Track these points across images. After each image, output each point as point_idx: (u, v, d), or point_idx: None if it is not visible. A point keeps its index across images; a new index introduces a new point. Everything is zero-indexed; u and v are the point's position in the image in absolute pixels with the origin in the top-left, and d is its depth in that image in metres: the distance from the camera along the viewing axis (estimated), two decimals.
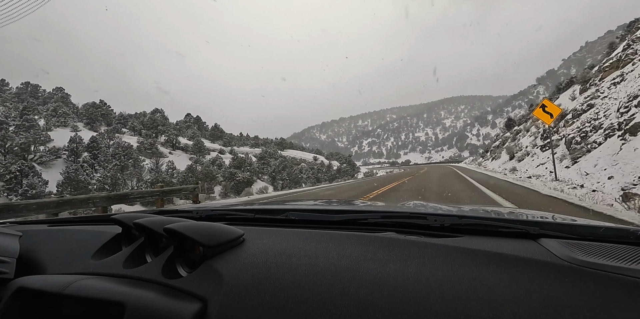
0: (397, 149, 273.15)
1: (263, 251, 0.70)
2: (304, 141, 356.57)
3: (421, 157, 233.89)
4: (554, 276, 0.56)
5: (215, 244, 0.68)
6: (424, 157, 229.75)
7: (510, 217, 1.03)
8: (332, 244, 0.73)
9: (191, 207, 1.25)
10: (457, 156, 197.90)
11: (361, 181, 22.12)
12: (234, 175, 36.35)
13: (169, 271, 0.68)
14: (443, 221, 0.89)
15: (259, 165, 44.32)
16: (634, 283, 0.52)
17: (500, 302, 0.50)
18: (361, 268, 0.61)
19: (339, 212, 1.07)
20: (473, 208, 1.35)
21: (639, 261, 0.59)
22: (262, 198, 11.58)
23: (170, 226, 0.67)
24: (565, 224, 0.93)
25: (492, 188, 8.67)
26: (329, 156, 71.65)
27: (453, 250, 0.67)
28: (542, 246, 0.71)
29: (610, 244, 0.72)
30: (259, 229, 0.90)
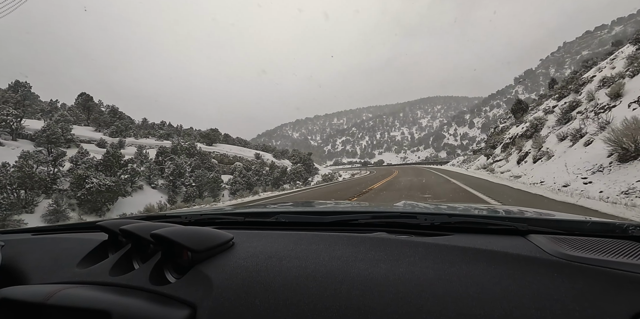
0: (371, 149, 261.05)
1: (253, 254, 0.69)
2: (274, 138, 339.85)
3: (396, 157, 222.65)
4: (543, 271, 0.56)
5: (203, 248, 0.66)
6: (399, 158, 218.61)
7: (499, 215, 1.02)
8: (323, 245, 0.72)
9: (180, 212, 1.22)
10: (433, 156, 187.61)
11: (296, 193, 14.89)
12: (83, 180, 20.78)
13: (157, 278, 0.66)
14: (433, 219, 0.89)
15: (150, 165, 28.89)
16: (621, 276, 0.53)
17: (491, 299, 0.49)
18: (352, 268, 0.60)
19: (329, 213, 1.05)
20: (462, 206, 1.36)
21: (624, 254, 0.61)
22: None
23: (157, 232, 0.65)
24: (552, 219, 0.92)
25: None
26: (278, 154, 56.50)
27: (443, 248, 0.67)
28: (531, 242, 0.71)
29: (596, 238, 0.73)
30: (248, 233, 0.88)
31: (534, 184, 9.12)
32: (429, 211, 1.07)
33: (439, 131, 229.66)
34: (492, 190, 8.68)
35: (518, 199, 6.67)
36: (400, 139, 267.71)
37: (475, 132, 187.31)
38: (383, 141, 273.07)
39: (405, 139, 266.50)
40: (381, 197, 9.38)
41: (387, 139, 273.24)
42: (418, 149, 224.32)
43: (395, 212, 1.00)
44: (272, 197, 13.49)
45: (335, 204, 1.58)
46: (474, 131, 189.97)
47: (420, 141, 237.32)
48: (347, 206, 1.39)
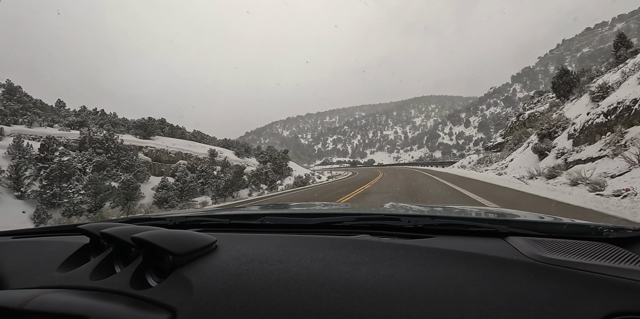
0: (363, 148, 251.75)
1: (235, 257, 0.69)
2: (263, 136, 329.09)
3: (389, 157, 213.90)
4: (520, 273, 0.57)
5: (185, 252, 0.66)
6: (392, 157, 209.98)
7: (481, 217, 1.03)
8: (306, 248, 0.72)
9: (165, 214, 1.22)
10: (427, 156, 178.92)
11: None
12: None
13: (137, 282, 0.66)
14: (416, 221, 0.89)
15: (22, 162, 18.83)
16: (593, 278, 0.54)
17: (468, 301, 0.50)
18: (333, 271, 0.60)
19: (314, 215, 1.05)
20: (447, 208, 1.37)
21: (597, 257, 0.62)
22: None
23: (138, 235, 0.65)
24: (531, 221, 0.94)
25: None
26: (242, 151, 46.22)
27: (424, 251, 0.67)
28: (509, 244, 0.72)
29: (573, 241, 0.75)
30: (233, 235, 0.88)
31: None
32: (413, 213, 1.07)
33: (433, 130, 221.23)
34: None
35: None
36: (393, 138, 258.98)
37: (472, 131, 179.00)
38: (375, 140, 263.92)
39: (398, 139, 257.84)
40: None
41: (380, 138, 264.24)
42: (411, 149, 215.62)
43: (379, 214, 1.00)
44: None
45: (322, 206, 1.57)
46: (470, 130, 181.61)
47: (414, 140, 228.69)
48: (332, 208, 1.39)
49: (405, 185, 13.32)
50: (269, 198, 14.59)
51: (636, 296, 0.49)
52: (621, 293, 0.50)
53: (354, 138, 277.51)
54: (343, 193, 12.09)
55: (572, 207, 5.28)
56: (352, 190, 13.18)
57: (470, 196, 7.74)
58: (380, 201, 8.91)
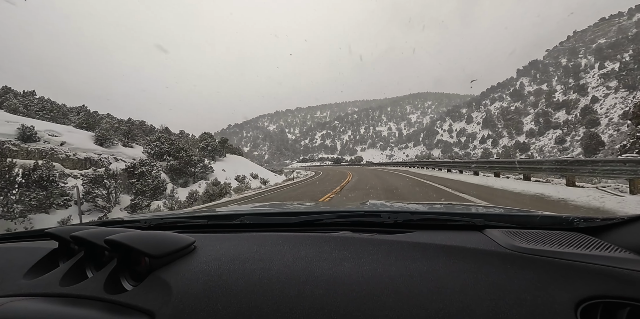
0: (353, 144, 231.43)
1: (215, 258, 0.67)
2: (246, 129, 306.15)
3: (381, 154, 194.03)
4: (498, 263, 0.59)
5: (162, 253, 0.64)
6: (385, 155, 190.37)
7: (458, 211, 1.05)
8: (288, 246, 0.71)
9: (139, 217, 1.18)
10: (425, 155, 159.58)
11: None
12: None
13: (112, 286, 0.64)
14: (396, 217, 0.90)
15: None
16: (567, 265, 0.56)
17: (450, 293, 0.51)
18: (316, 268, 0.60)
19: (295, 214, 1.04)
20: (425, 204, 1.39)
21: (570, 245, 0.65)
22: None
23: (111, 237, 0.63)
24: (506, 214, 0.96)
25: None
26: (112, 136, 24.55)
27: (405, 245, 0.68)
28: (486, 236, 0.74)
29: (546, 231, 0.78)
30: (212, 236, 0.87)
31: None
32: (393, 209, 1.07)
33: (431, 126, 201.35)
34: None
35: None
36: (387, 135, 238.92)
37: (475, 128, 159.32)
38: (367, 136, 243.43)
39: (392, 135, 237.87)
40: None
41: (372, 134, 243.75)
42: (406, 146, 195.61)
43: (359, 211, 1.01)
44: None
45: (302, 205, 1.56)
46: (473, 127, 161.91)
47: (410, 137, 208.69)
48: (312, 207, 1.38)
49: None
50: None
51: (606, 281, 0.52)
52: (592, 279, 0.53)
53: (344, 134, 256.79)
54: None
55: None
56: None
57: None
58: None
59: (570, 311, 0.47)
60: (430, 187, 10.38)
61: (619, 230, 0.70)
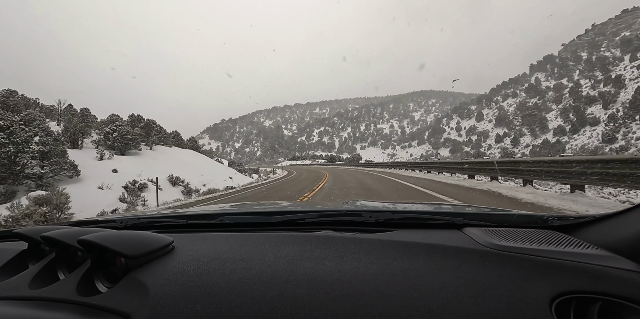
0: (353, 142, 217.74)
1: (195, 258, 0.66)
2: (239, 124, 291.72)
3: (382, 153, 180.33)
4: (477, 261, 0.60)
5: (139, 254, 0.62)
6: (386, 154, 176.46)
7: (438, 210, 1.06)
8: (269, 245, 0.71)
9: (115, 217, 1.15)
10: (430, 154, 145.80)
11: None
12: None
13: (85, 288, 0.61)
14: (377, 217, 0.91)
15: None
16: (542, 262, 0.58)
17: (431, 290, 0.52)
18: (298, 268, 0.60)
19: (276, 213, 1.04)
20: (406, 203, 1.41)
21: (545, 242, 0.67)
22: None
23: (85, 237, 0.60)
24: (484, 213, 0.97)
25: None
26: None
27: (387, 244, 0.68)
28: (465, 234, 0.76)
29: (522, 229, 0.80)
30: (191, 236, 0.85)
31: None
32: (374, 208, 1.08)
33: (436, 124, 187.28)
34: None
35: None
36: (389, 133, 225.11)
37: (487, 125, 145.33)
38: (368, 133, 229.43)
39: (394, 133, 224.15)
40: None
41: (373, 132, 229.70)
42: (410, 145, 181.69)
43: (341, 210, 1.01)
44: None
45: (283, 205, 1.55)
46: (485, 125, 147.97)
47: (413, 135, 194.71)
48: (294, 206, 1.37)
49: None
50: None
51: (579, 277, 0.53)
52: (566, 275, 0.54)
53: (344, 131, 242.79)
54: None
55: None
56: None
57: None
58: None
59: (546, 307, 0.48)
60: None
61: (590, 228, 0.72)
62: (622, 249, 0.59)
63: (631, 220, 0.61)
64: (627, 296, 0.49)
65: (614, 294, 0.49)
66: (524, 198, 6.35)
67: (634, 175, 4.61)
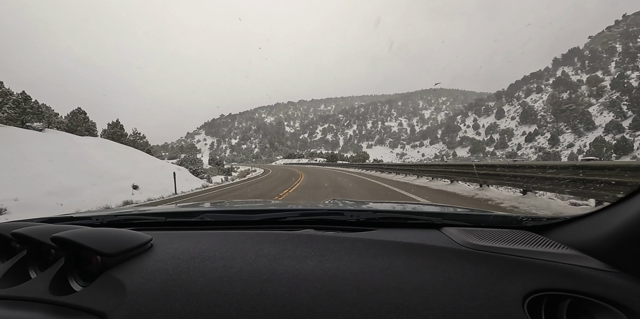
0: (358, 140, 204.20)
1: (174, 256, 0.65)
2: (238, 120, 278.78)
3: (391, 153, 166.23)
4: (454, 259, 0.61)
5: (116, 252, 0.60)
6: (395, 154, 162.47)
7: (418, 210, 1.08)
8: (250, 244, 0.71)
9: (90, 213, 1.14)
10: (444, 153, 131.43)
11: None
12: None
13: (59, 287, 0.59)
14: (359, 216, 0.92)
15: None
16: (516, 261, 0.60)
17: (410, 288, 0.52)
18: (279, 266, 0.60)
19: (257, 212, 1.04)
20: (386, 203, 1.43)
21: (519, 242, 0.69)
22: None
23: (59, 235, 0.58)
24: (462, 213, 0.99)
25: None
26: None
27: (368, 243, 0.70)
28: (444, 234, 0.78)
29: (498, 229, 0.82)
30: (170, 234, 0.84)
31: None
32: (356, 208, 1.09)
33: (450, 122, 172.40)
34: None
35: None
36: (397, 131, 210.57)
37: (510, 123, 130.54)
38: (375, 131, 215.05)
39: (403, 132, 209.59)
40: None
41: (381, 130, 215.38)
42: (421, 144, 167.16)
43: (323, 209, 1.02)
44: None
45: (264, 203, 1.55)
46: (507, 122, 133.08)
47: (424, 134, 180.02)
48: (275, 205, 1.37)
49: None
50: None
51: (550, 275, 0.55)
52: (539, 273, 0.56)
53: (349, 128, 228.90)
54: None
55: None
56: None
57: None
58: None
59: (519, 304, 0.49)
60: None
61: (561, 229, 0.74)
62: (591, 249, 0.61)
63: (599, 222, 0.63)
64: (594, 294, 0.50)
65: (582, 292, 0.51)
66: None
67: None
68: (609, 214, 0.62)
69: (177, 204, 2.82)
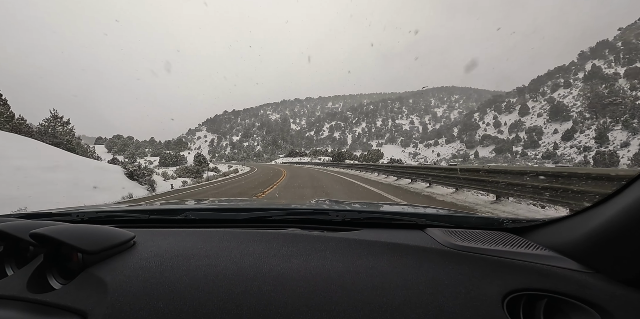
0: (368, 138, 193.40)
1: (157, 254, 0.64)
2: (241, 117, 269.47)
3: (403, 152, 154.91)
4: (437, 260, 0.63)
5: (98, 249, 0.59)
6: (407, 153, 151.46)
7: (402, 211, 1.09)
8: (235, 242, 0.70)
9: (70, 210, 1.11)
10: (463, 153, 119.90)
11: None
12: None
13: (37, 285, 0.58)
14: (344, 216, 0.93)
15: None
16: (496, 261, 0.62)
17: (393, 287, 0.53)
18: (264, 265, 0.60)
19: (243, 210, 1.03)
20: (371, 204, 1.45)
21: (499, 243, 0.71)
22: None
23: (38, 231, 0.57)
24: (445, 215, 1.02)
25: None
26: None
27: (352, 242, 0.70)
28: (427, 234, 0.79)
29: (479, 230, 0.84)
30: (153, 231, 0.83)
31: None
32: (341, 208, 1.10)
33: (467, 119, 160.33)
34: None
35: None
36: (409, 129, 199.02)
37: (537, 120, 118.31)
38: (385, 129, 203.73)
39: (414, 130, 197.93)
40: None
41: (391, 128, 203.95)
42: (436, 143, 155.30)
43: (308, 209, 1.02)
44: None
45: (249, 202, 1.54)
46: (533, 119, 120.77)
47: (439, 132, 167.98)
48: (261, 203, 1.37)
49: None
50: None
51: (528, 275, 0.57)
52: (518, 273, 0.58)
53: (357, 126, 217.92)
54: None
55: None
56: None
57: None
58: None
59: (498, 303, 0.51)
60: None
61: (540, 231, 0.76)
62: (567, 251, 0.62)
63: (575, 225, 0.65)
64: (569, 294, 0.52)
65: (558, 291, 0.53)
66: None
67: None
68: (585, 217, 0.63)
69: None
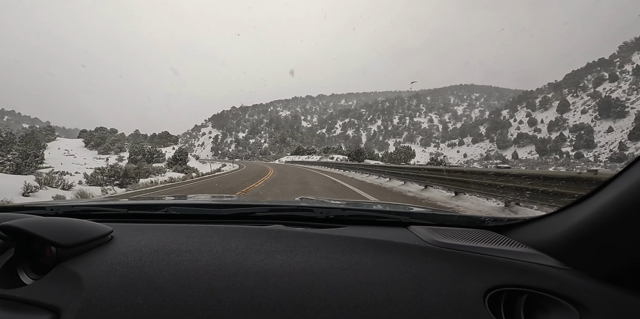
0: (384, 136, 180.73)
1: (136, 249, 0.63)
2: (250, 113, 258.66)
3: (423, 151, 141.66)
4: (420, 257, 0.64)
5: (73, 243, 0.58)
6: (428, 153, 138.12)
7: (386, 209, 1.10)
8: (217, 238, 0.70)
9: (44, 203, 1.08)
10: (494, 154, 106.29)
11: None
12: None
13: (7, 280, 0.57)
14: (328, 213, 0.94)
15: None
16: (478, 258, 0.64)
17: (377, 284, 0.54)
18: (247, 260, 0.60)
19: (225, 206, 1.03)
20: (355, 201, 1.47)
21: (481, 241, 0.73)
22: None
23: (9, 223, 0.55)
24: (429, 213, 1.02)
25: None
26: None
27: (337, 239, 0.71)
28: (411, 232, 0.80)
29: (462, 228, 0.86)
30: (132, 226, 0.82)
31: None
32: (325, 205, 1.10)
33: (495, 117, 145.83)
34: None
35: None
36: (428, 128, 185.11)
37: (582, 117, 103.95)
38: (403, 127, 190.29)
39: (434, 128, 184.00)
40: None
41: (409, 126, 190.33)
42: (461, 143, 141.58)
43: (292, 205, 1.02)
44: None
45: (231, 197, 1.53)
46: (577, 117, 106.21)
47: (463, 131, 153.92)
48: (244, 200, 1.36)
49: None
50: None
51: (509, 272, 0.58)
52: (499, 270, 0.59)
53: (373, 123, 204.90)
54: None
55: None
56: None
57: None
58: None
59: (480, 299, 0.52)
60: None
61: (520, 229, 0.77)
62: (547, 248, 0.64)
63: (554, 223, 0.66)
64: (548, 289, 0.53)
65: (538, 287, 0.54)
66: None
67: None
68: (564, 216, 0.64)
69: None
